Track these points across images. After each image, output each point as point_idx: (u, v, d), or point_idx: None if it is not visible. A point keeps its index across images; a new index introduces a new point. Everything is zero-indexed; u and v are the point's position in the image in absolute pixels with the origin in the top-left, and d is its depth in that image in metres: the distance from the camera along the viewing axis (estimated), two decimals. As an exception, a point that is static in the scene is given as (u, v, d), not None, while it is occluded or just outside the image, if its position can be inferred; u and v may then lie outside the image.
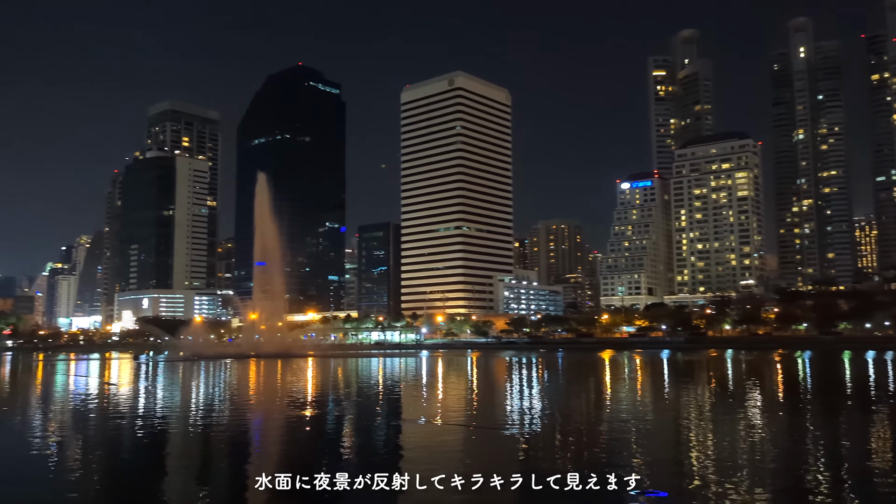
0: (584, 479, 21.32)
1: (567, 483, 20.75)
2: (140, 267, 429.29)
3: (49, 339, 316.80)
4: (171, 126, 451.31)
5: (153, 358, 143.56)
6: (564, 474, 21.94)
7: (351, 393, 55.55)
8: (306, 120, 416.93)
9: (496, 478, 22.28)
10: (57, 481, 22.39)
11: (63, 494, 20.56)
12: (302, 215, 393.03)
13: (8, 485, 21.51)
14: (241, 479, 22.88)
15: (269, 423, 36.88)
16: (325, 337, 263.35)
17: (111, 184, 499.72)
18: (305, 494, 20.50)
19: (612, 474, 22.10)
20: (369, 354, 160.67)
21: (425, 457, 25.21)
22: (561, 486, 20.37)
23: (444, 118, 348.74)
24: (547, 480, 21.03)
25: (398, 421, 36.72)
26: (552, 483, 20.63)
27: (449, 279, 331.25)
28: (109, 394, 57.46)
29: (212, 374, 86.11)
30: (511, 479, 22.21)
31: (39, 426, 36.92)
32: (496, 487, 20.86)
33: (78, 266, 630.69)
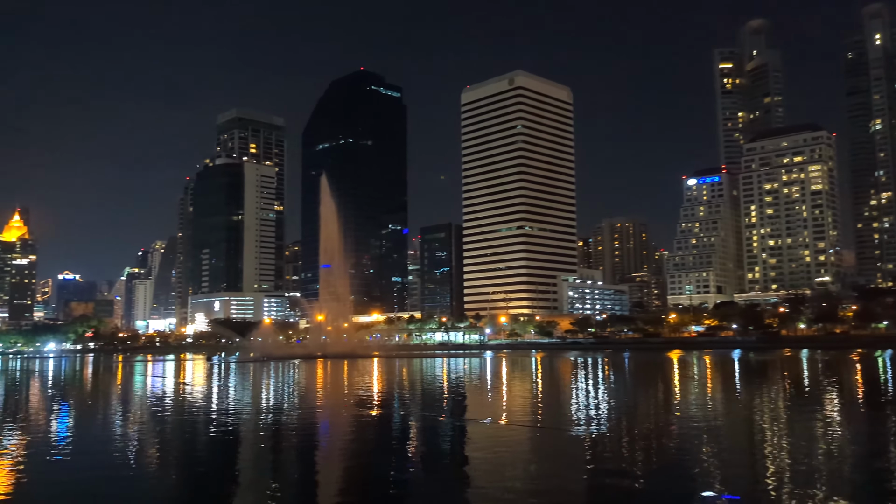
0: (652, 482, 21.04)
1: (636, 485, 20.52)
2: (211, 270, 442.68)
3: (128, 341, 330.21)
4: (238, 133, 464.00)
5: (225, 359, 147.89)
6: (633, 476, 21.71)
7: (416, 393, 56.03)
8: (368, 124, 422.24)
9: (564, 478, 22.21)
10: (138, 475, 23.41)
11: (143, 488, 21.49)
12: (365, 218, 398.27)
13: (93, 478, 22.60)
14: (311, 476, 23.44)
15: (336, 423, 37.56)
16: (390, 338, 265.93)
17: (183, 190, 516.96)
18: (375, 492, 20.86)
19: (682, 477, 21.73)
20: (433, 355, 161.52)
21: (491, 457, 25.28)
22: (629, 488, 20.15)
23: (504, 118, 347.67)
24: (615, 482, 20.83)
25: (464, 421, 36.89)
26: (620, 484, 20.43)
27: (512, 279, 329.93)
28: (185, 393, 59.57)
29: (281, 374, 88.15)
30: (579, 479, 22.10)
31: (120, 424, 38.59)
32: (564, 488, 20.80)
33: (153, 270, 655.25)
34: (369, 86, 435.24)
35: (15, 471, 23.99)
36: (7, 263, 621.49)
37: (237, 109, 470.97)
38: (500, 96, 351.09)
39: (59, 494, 20.44)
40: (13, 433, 34.20)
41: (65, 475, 23.27)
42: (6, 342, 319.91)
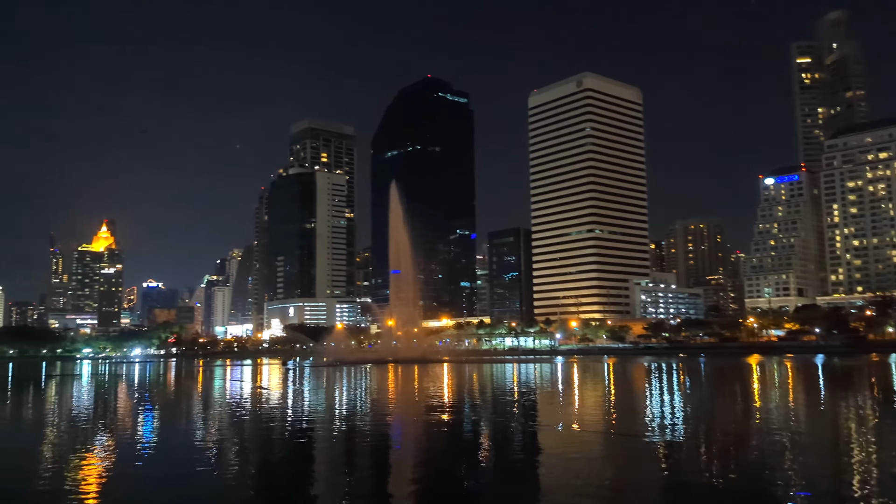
0: (731, 490, 20.49)
1: (713, 493, 20.03)
2: (286, 277, 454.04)
3: (207, 347, 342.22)
4: (310, 143, 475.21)
5: (300, 363, 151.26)
6: (710, 484, 21.19)
7: (487, 398, 56.02)
8: (436, 130, 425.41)
9: (638, 485, 21.87)
10: (219, 476, 24.27)
11: (223, 488, 22.27)
12: (434, 223, 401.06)
13: (177, 478, 23.57)
14: (384, 481, 23.80)
15: (408, 427, 37.94)
16: (459, 343, 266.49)
17: (259, 200, 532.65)
18: (447, 497, 21.03)
19: (762, 485, 21.08)
20: (503, 360, 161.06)
21: (563, 463, 25.09)
22: (707, 496, 19.69)
23: (573, 120, 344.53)
24: (691, 489, 20.39)
25: (535, 427, 36.70)
26: (697, 492, 19.99)
27: (582, 283, 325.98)
28: (262, 397, 61.28)
29: (353, 378, 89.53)
30: (654, 487, 21.72)
31: (202, 426, 40.02)
32: (639, 495, 20.49)
33: (231, 278, 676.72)
34: (436, 92, 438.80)
35: (104, 471, 25.27)
36: (96, 272, 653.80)
37: (309, 120, 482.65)
38: (568, 99, 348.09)
39: (145, 494, 21.34)
40: (102, 434, 35.96)
41: (150, 476, 24.32)
42: (95, 348, 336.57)
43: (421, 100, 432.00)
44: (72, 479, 23.34)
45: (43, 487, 22.35)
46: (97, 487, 22.24)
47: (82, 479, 23.39)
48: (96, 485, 22.70)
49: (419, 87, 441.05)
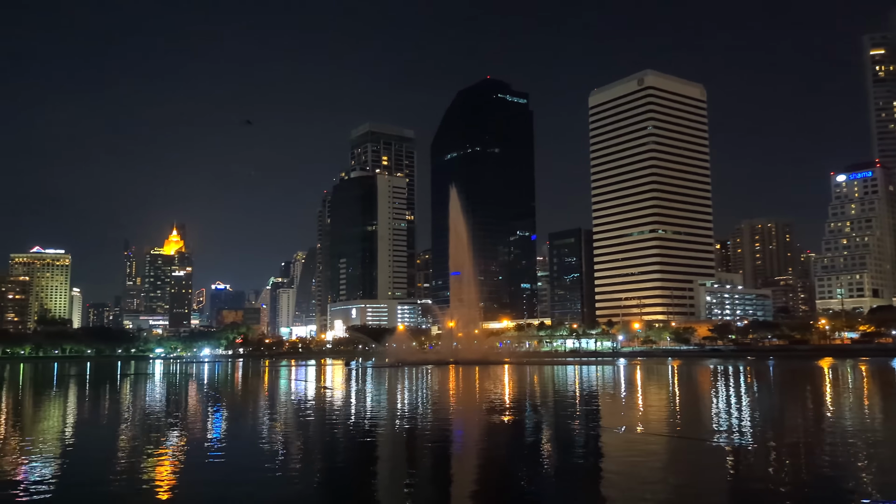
0: (800, 496, 19.95)
1: (782, 499, 19.53)
2: (348, 279, 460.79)
3: (273, 347, 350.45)
4: (371, 147, 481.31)
5: (362, 364, 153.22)
6: (778, 490, 20.66)
7: (548, 400, 55.72)
8: (495, 131, 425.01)
9: (703, 490, 21.49)
10: (284, 474, 24.91)
11: (287, 486, 22.86)
12: (493, 225, 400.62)
13: (242, 475, 24.30)
14: (446, 481, 23.99)
15: (470, 428, 38.10)
16: (520, 344, 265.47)
17: (322, 203, 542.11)
18: (508, 499, 21.10)
19: (833, 491, 20.44)
20: (564, 362, 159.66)
21: (626, 467, 24.82)
22: (775, 502, 19.22)
23: (634, 119, 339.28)
24: (758, 495, 19.94)
25: (597, 429, 36.36)
26: (764, 498, 19.53)
27: (645, 285, 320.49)
28: (325, 397, 62.44)
29: (414, 379, 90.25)
30: (720, 491, 21.31)
31: (267, 425, 41.09)
32: (705, 500, 20.15)
33: (295, 280, 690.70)
34: (496, 94, 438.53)
35: (174, 467, 26.27)
36: (167, 275, 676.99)
37: (370, 124, 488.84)
38: (629, 97, 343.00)
39: (213, 490, 22.05)
40: (174, 432, 37.31)
41: (220, 474, 25.11)
42: (167, 348, 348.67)
43: (480, 101, 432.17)
44: (145, 476, 24.34)
45: (118, 483, 23.39)
46: (168, 484, 23.14)
47: (155, 476, 24.34)
48: (167, 481, 23.63)
49: (478, 88, 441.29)
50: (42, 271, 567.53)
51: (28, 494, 21.25)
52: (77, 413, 51.94)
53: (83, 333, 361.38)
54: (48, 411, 53.62)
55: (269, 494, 21.45)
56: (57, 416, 49.60)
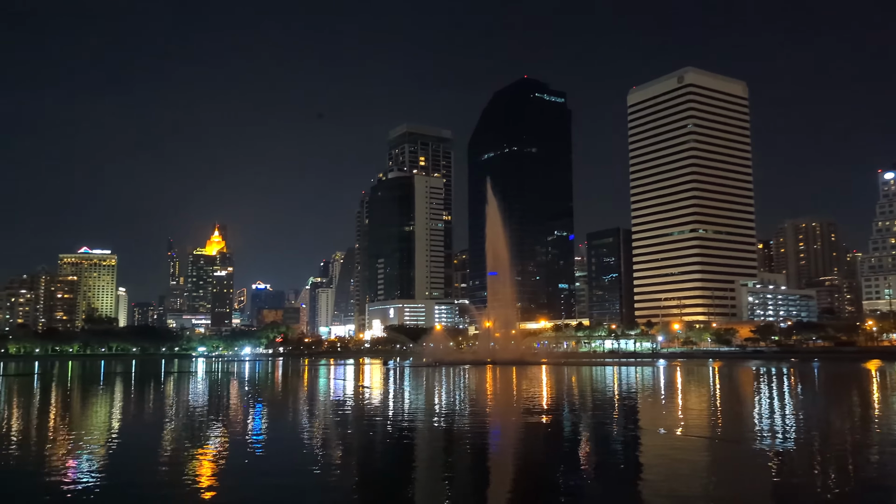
0: (843, 502, 19.58)
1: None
2: (386, 279, 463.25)
3: (312, 346, 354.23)
4: (408, 147, 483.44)
5: (400, 364, 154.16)
6: (821, 495, 20.32)
7: (586, 401, 55.40)
8: (533, 131, 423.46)
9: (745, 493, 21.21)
10: (323, 474, 25.28)
11: (326, 484, 23.20)
12: (531, 225, 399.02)
13: (281, 471, 24.73)
14: (483, 481, 24.08)
15: (507, 428, 38.12)
16: (558, 345, 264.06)
17: (360, 204, 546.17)
18: (545, 500, 21.11)
19: (877, 499, 20.03)
20: (603, 363, 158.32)
21: (666, 469, 24.61)
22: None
23: (674, 117, 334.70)
24: (801, 499, 19.64)
25: (636, 430, 36.09)
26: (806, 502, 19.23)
27: (685, 285, 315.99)
28: (364, 396, 63.02)
29: (452, 379, 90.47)
30: (762, 495, 21.02)
31: (307, 423, 41.70)
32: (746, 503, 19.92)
33: (334, 280, 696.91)
34: (533, 93, 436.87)
35: (216, 463, 26.85)
36: (209, 275, 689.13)
37: (407, 124, 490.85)
38: (669, 95, 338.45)
39: (253, 486, 22.48)
40: (216, 429, 38.10)
41: (262, 471, 25.59)
42: (209, 346, 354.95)
43: (517, 101, 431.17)
44: (188, 471, 24.96)
45: (162, 478, 24.03)
46: (209, 480, 23.69)
47: (197, 471, 24.95)
48: (209, 477, 24.19)
49: (515, 88, 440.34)
50: (89, 271, 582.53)
51: (76, 487, 21.98)
52: (123, 410, 53.32)
53: (128, 332, 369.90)
54: (96, 408, 55.17)
55: (309, 494, 21.79)
56: (104, 412, 51.00)
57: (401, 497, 21.32)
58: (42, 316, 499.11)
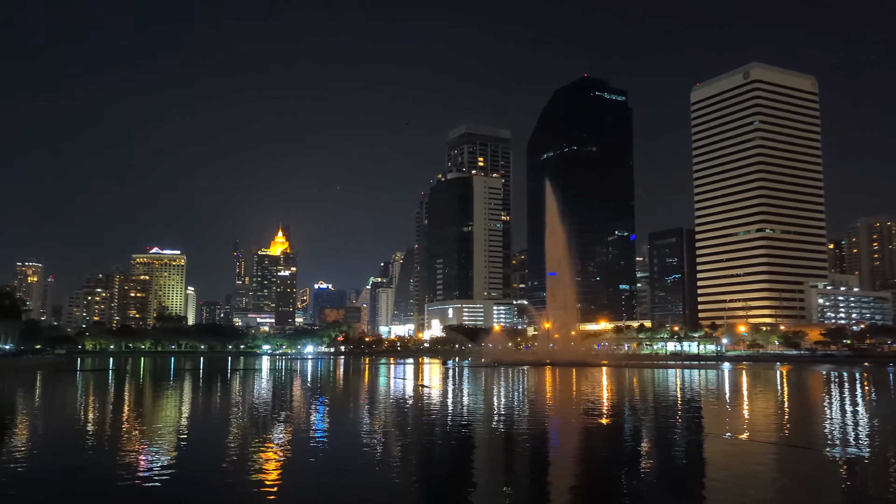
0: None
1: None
2: (445, 279, 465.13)
3: (373, 345, 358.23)
4: (467, 148, 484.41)
5: (459, 363, 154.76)
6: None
7: (648, 404, 54.70)
8: (593, 130, 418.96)
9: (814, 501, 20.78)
10: (383, 469, 25.82)
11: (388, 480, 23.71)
12: (591, 225, 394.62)
13: (344, 468, 25.37)
14: (543, 483, 24.14)
15: (567, 430, 38.02)
16: (619, 347, 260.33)
17: (419, 205, 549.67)
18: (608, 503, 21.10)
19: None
20: (665, 365, 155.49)
21: (731, 475, 24.24)
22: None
23: (740, 114, 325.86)
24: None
25: (700, 435, 35.56)
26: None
27: (751, 286, 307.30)
28: (423, 395, 63.69)
29: (511, 379, 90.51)
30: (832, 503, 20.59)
31: (368, 421, 42.47)
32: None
33: (394, 280, 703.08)
34: (593, 92, 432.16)
35: (281, 462, 27.70)
36: (273, 275, 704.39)
37: (466, 125, 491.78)
38: (734, 91, 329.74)
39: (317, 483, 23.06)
40: (281, 425, 39.22)
41: (324, 466, 26.29)
42: (273, 344, 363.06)
43: (577, 100, 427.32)
44: (252, 466, 25.85)
45: (227, 472, 24.99)
46: (274, 476, 24.47)
47: (261, 467, 25.79)
48: (273, 473, 24.99)
49: (575, 87, 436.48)
50: (160, 271, 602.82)
51: (148, 478, 23.10)
52: (192, 405, 55.34)
53: (197, 330, 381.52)
54: (167, 403, 57.42)
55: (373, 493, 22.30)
56: (176, 406, 53.04)
57: (462, 498, 21.58)
58: (116, 313, 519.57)
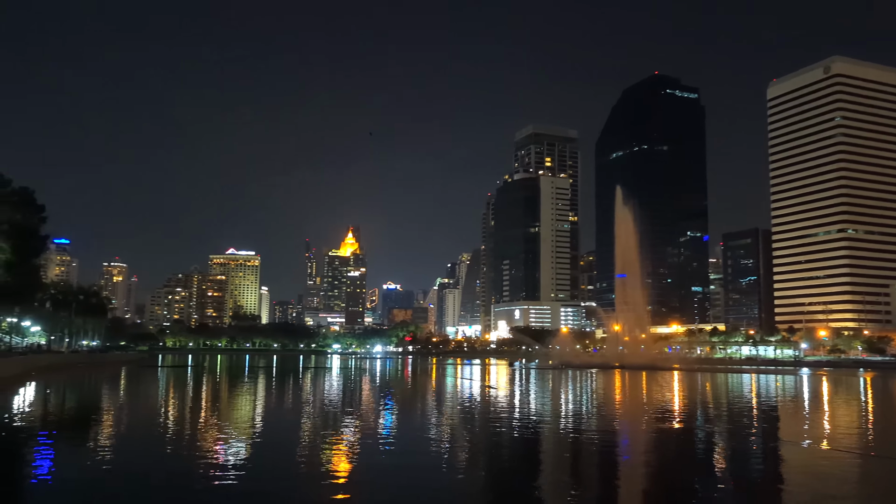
0: None
1: None
2: (511, 280, 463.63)
3: (440, 345, 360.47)
4: (534, 148, 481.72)
5: (525, 365, 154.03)
6: None
7: (722, 409, 53.25)
8: (663, 129, 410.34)
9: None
10: (450, 469, 26.01)
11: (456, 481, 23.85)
12: (662, 226, 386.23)
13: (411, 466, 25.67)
14: (612, 487, 23.84)
15: (637, 434, 37.43)
16: (691, 350, 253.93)
17: (486, 206, 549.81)
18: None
19: None
20: (740, 370, 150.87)
21: (811, 484, 23.41)
22: None
23: (820, 109, 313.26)
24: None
25: (776, 442, 34.45)
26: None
27: (832, 289, 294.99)
28: (490, 396, 63.74)
29: (579, 382, 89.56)
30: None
31: (435, 421, 42.81)
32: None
33: (460, 280, 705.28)
34: (664, 90, 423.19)
35: (352, 457, 28.24)
36: (343, 275, 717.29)
37: (533, 126, 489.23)
38: (814, 86, 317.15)
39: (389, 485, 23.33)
40: (351, 422, 39.95)
41: (393, 465, 26.67)
42: (343, 343, 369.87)
43: (647, 98, 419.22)
44: (323, 463, 26.46)
45: (301, 467, 25.68)
46: (343, 473, 24.97)
47: (331, 464, 26.35)
48: (344, 468, 25.55)
49: (645, 85, 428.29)
50: (235, 271, 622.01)
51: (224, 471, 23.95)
52: (266, 401, 57.00)
53: (270, 329, 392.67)
54: (245, 398, 59.34)
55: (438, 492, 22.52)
56: (251, 402, 54.80)
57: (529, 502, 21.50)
58: (195, 312, 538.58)
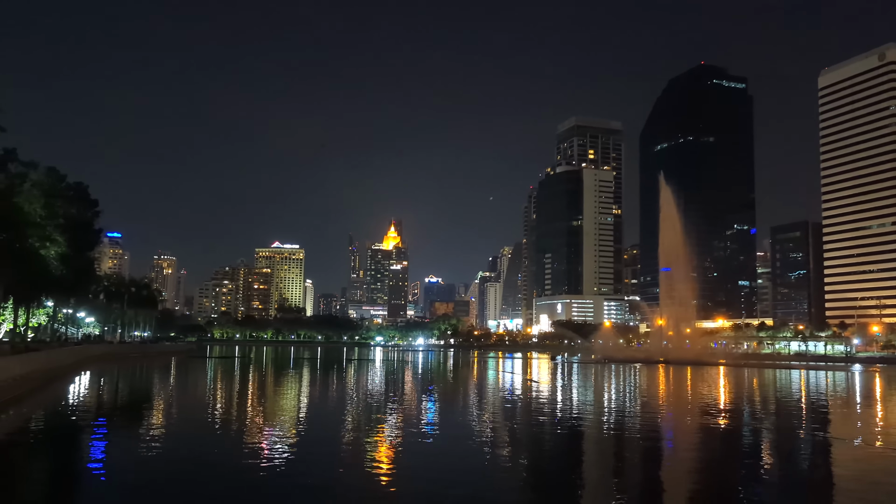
0: None
1: None
2: (553, 274, 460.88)
3: (481, 339, 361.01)
4: (577, 141, 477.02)
5: (568, 359, 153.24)
6: None
7: (769, 405, 52.29)
8: (710, 119, 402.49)
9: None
10: (492, 463, 26.09)
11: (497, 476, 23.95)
12: (708, 219, 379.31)
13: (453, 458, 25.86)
14: (656, 483, 23.65)
15: (682, 430, 37.02)
16: (737, 345, 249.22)
17: (527, 199, 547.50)
18: None
19: None
20: (788, 366, 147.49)
21: (863, 483, 22.90)
22: None
23: (874, 98, 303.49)
24: None
25: (826, 439, 33.72)
26: None
27: (887, 283, 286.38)
28: (533, 390, 63.67)
29: (622, 377, 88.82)
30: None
31: (477, 413, 42.98)
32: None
33: (502, 274, 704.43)
34: (711, 80, 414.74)
35: (395, 449, 28.57)
36: (386, 269, 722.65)
37: (576, 118, 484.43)
38: (867, 75, 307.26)
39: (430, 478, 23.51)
40: (394, 416, 40.38)
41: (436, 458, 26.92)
42: (385, 336, 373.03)
43: (694, 88, 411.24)
44: (369, 454, 26.86)
45: (345, 456, 26.11)
46: (388, 460, 25.37)
47: (374, 456, 26.71)
48: (387, 458, 25.92)
49: (691, 75, 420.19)
50: (280, 264, 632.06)
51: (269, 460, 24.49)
52: (311, 392, 57.96)
53: (315, 321, 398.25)
54: (290, 389, 60.44)
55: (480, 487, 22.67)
56: (296, 393, 55.79)
57: (571, 496, 21.48)
58: (241, 304, 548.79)
